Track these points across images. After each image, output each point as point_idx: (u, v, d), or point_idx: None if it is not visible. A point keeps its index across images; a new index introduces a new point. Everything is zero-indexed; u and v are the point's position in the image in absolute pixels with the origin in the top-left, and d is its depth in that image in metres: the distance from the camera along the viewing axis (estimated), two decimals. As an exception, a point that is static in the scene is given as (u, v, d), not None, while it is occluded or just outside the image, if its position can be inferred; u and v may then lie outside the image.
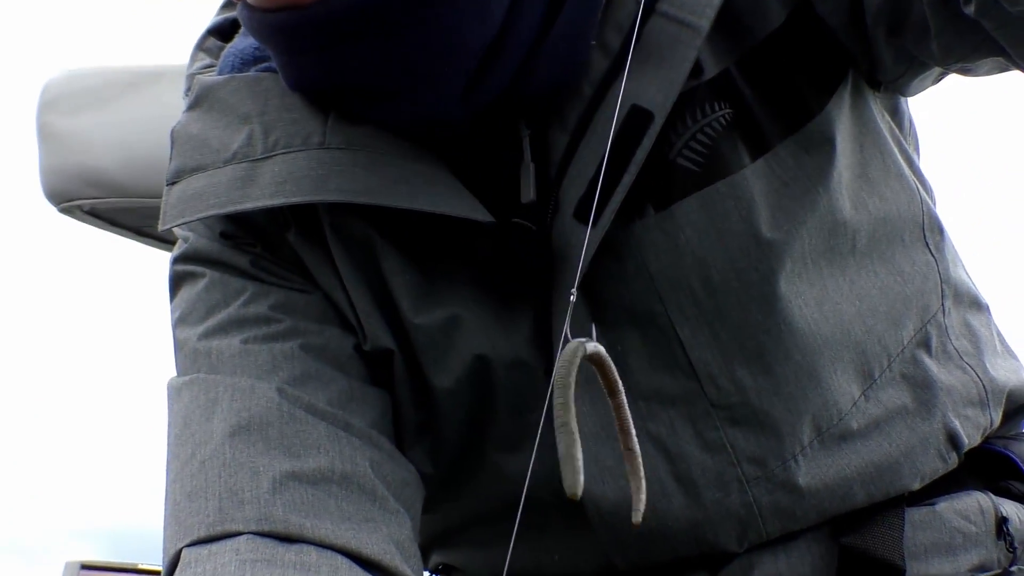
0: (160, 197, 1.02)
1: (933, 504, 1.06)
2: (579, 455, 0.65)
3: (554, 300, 0.96)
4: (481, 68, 0.91)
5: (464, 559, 1.16)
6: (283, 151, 0.96)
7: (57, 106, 1.99)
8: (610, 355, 0.95)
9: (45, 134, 2.00)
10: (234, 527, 0.89)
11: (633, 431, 0.71)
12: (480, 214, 0.93)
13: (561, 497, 0.98)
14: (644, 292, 0.97)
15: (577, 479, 0.66)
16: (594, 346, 0.66)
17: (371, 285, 1.01)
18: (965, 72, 0.99)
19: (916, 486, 1.05)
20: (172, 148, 1.02)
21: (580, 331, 0.94)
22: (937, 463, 1.06)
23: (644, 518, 0.99)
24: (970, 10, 0.84)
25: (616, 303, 0.98)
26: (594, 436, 0.99)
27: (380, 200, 0.94)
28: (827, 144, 0.98)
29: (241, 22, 0.98)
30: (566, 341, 0.83)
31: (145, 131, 1.94)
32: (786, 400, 1.00)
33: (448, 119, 0.94)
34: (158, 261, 2.26)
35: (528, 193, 0.95)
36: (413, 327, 1.00)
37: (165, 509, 0.95)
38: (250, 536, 0.89)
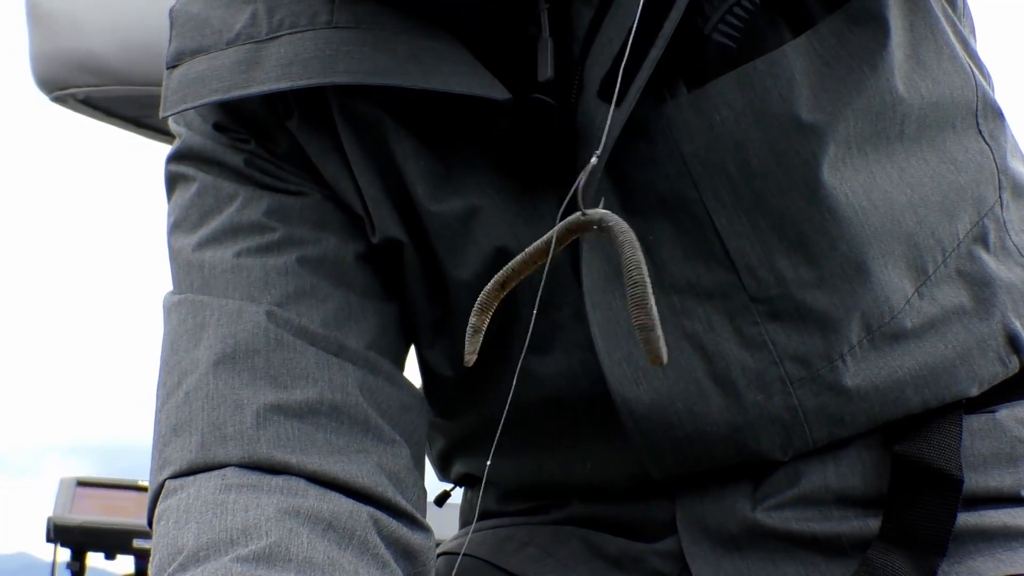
0: (160, 84, 1.00)
1: (993, 412, 1.03)
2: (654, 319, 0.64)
3: (581, 185, 0.92)
4: None
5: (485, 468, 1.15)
6: (289, 31, 0.95)
7: None
8: (642, 246, 0.95)
9: (36, 16, 1.99)
10: (217, 460, 0.91)
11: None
12: (497, 92, 0.91)
13: (592, 400, 0.99)
14: (677, 176, 0.95)
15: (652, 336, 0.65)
16: (599, 214, 0.65)
17: (382, 171, 1.00)
18: None
19: (974, 392, 1.02)
20: (171, 29, 1.01)
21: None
22: (997, 367, 1.03)
23: (681, 422, 0.98)
24: None
25: (646, 189, 0.96)
26: (627, 334, 0.97)
27: (391, 80, 0.93)
28: (874, 21, 0.95)
29: None
30: (570, 209, 0.80)
31: (143, 12, 1.94)
32: (831, 294, 0.98)
33: None
34: (158, 154, 2.26)
35: (546, 71, 0.93)
36: (429, 215, 0.99)
37: (152, 440, 0.96)
38: (235, 468, 0.90)
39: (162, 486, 0.93)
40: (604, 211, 0.64)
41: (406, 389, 1.00)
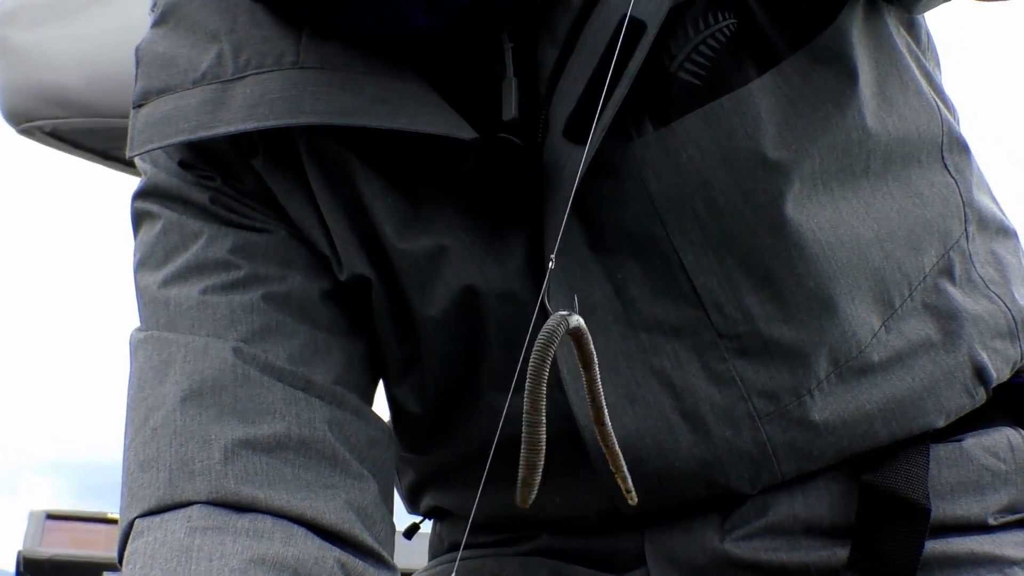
0: (127, 116, 1.00)
1: (960, 440, 1.04)
2: (540, 464, 0.63)
3: (546, 225, 0.94)
4: None
5: (458, 502, 1.15)
6: (255, 71, 0.96)
7: (16, 19, 1.99)
8: (610, 284, 0.97)
9: (3, 49, 1.99)
10: (185, 497, 0.90)
11: (605, 406, 0.70)
12: (464, 131, 0.92)
13: (561, 437, 0.95)
14: (644, 215, 0.95)
15: (530, 493, 0.64)
16: (577, 320, 0.64)
17: (349, 209, 0.99)
18: None
19: (941, 423, 1.03)
20: (137, 68, 1.00)
21: (575, 258, 0.94)
22: (963, 399, 1.04)
23: (650, 458, 0.99)
24: None
25: (614, 227, 0.96)
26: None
27: (357, 120, 0.93)
28: (838, 60, 0.96)
29: None
30: (550, 269, 0.80)
31: (110, 46, 1.94)
32: (799, 330, 0.98)
33: (415, 30, 0.92)
34: (126, 186, 2.23)
35: (510, 110, 0.94)
36: (397, 252, 0.99)
37: (122, 476, 0.95)
38: (201, 505, 0.90)
39: (131, 525, 0.92)
40: (579, 318, 0.65)
41: (374, 423, 1.00)
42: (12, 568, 2.86)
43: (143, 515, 0.91)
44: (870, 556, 1.01)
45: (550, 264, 0.75)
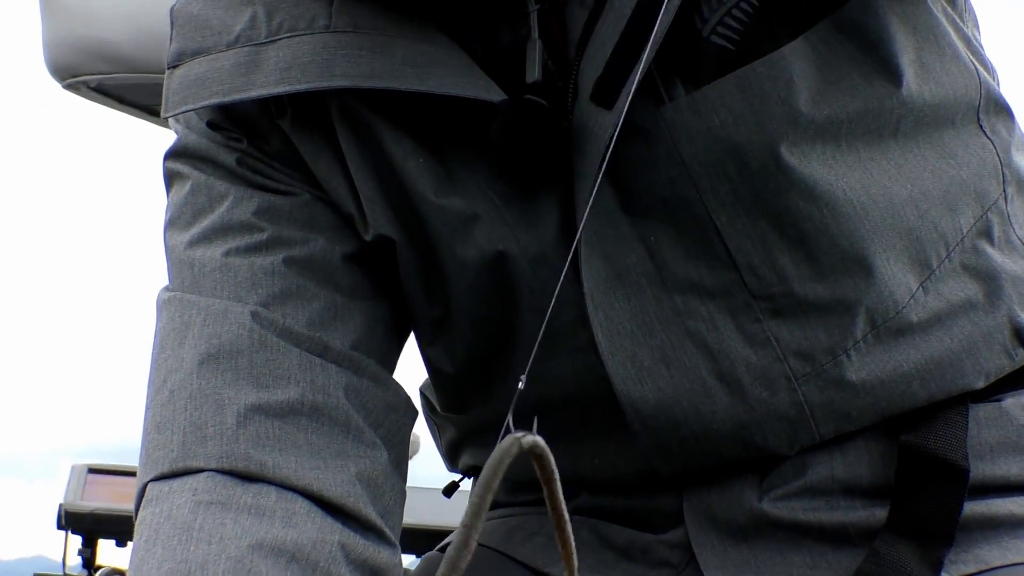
0: None
1: (999, 400, 1.04)
2: (464, 564, 0.62)
3: (577, 189, 0.96)
4: None
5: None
6: (287, 34, 0.97)
7: None
8: (643, 247, 0.97)
9: (49, 4, 1.98)
10: (196, 463, 0.92)
11: (567, 515, 0.68)
12: (493, 93, 0.93)
13: (598, 399, 1.00)
14: (677, 178, 0.95)
15: None
16: (531, 440, 0.63)
17: (379, 170, 1.00)
18: None
19: (980, 384, 1.03)
20: (172, 28, 1.02)
21: (608, 221, 0.95)
22: (1003, 360, 1.04)
23: (687, 421, 1.00)
24: None
25: (647, 191, 0.96)
26: (630, 334, 0.98)
27: (387, 83, 0.94)
28: (871, 23, 0.96)
29: None
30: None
31: (156, 1, 1.90)
32: (834, 290, 0.99)
33: None
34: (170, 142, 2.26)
35: (533, 72, 0.94)
36: (433, 209, 1.00)
37: (141, 439, 0.97)
38: (210, 474, 0.91)
39: (144, 488, 0.94)
40: (536, 437, 0.64)
41: (392, 390, 1.02)
42: (57, 557, 2.83)
43: (156, 479, 0.93)
44: (909, 517, 1.01)
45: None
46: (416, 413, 1.05)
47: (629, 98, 0.89)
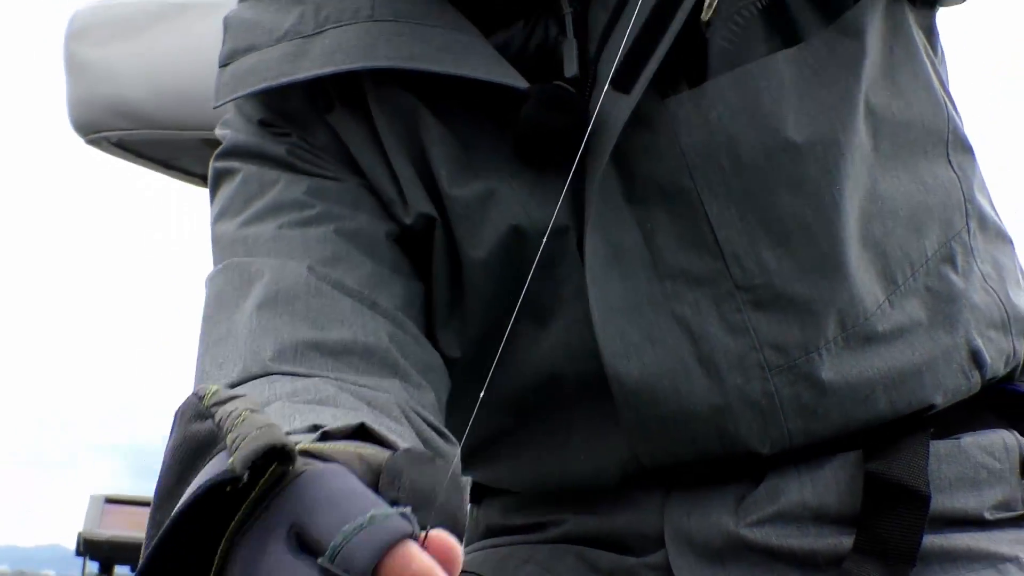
0: (190, 129, 1.10)
1: (958, 439, 1.07)
2: None
3: (588, 169, 1.00)
4: None
5: (496, 475, 1.18)
6: (334, 25, 1.02)
7: (85, 36, 2.04)
8: (640, 232, 1.02)
9: (73, 65, 2.05)
10: (253, 374, 0.92)
11: None
12: (519, 81, 0.98)
13: (586, 378, 1.04)
14: (675, 167, 1.00)
15: None
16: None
17: (412, 154, 1.05)
18: None
19: (938, 400, 1.06)
20: (225, 34, 1.07)
21: (611, 205, 1.01)
22: (960, 379, 1.07)
23: (666, 399, 1.03)
24: None
25: (647, 177, 1.01)
26: (620, 311, 1.02)
27: (425, 66, 0.99)
28: (857, 39, 1.01)
29: None
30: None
31: (174, 62, 1.99)
32: (811, 288, 1.02)
33: None
34: (185, 194, 2.34)
35: (572, 67, 0.99)
36: (450, 198, 1.04)
37: (195, 379, 0.98)
38: (272, 375, 0.91)
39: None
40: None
41: (430, 351, 1.04)
42: (72, 546, 2.92)
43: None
44: (874, 539, 1.04)
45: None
46: (449, 385, 1.07)
47: (647, 81, 0.95)
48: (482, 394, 0.69)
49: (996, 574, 1.03)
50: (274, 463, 0.67)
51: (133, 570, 2.89)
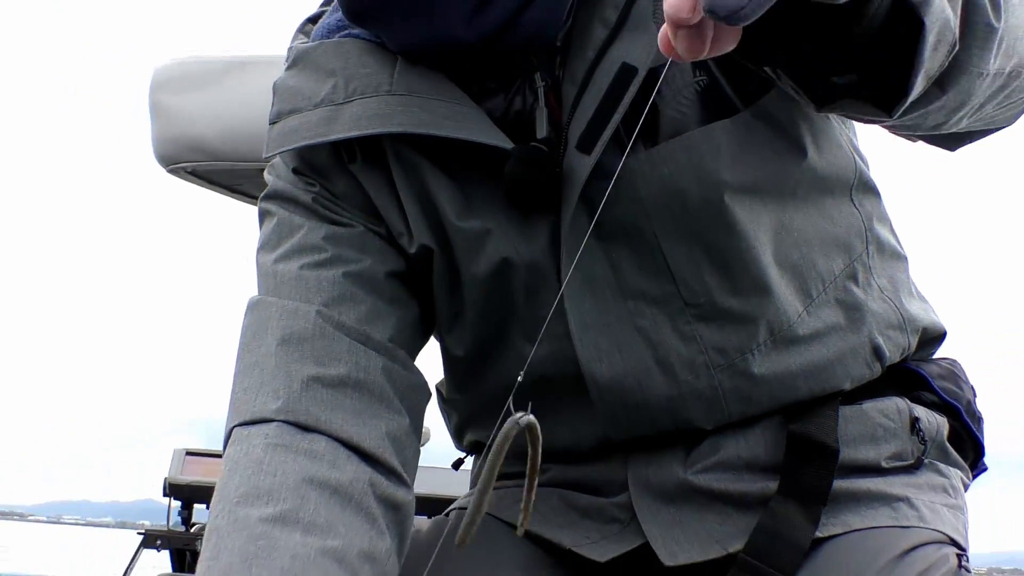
0: (249, 161, 1.21)
1: (860, 404, 1.18)
2: (480, 516, 0.74)
3: (563, 215, 1.09)
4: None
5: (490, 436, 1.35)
6: (359, 97, 1.11)
7: (166, 86, 2.21)
8: (607, 262, 1.10)
9: (156, 110, 2.21)
10: (269, 415, 1.06)
11: (538, 471, 0.78)
12: (505, 143, 1.08)
13: (569, 380, 1.14)
14: (635, 211, 1.08)
15: (469, 531, 0.75)
16: (527, 419, 0.71)
17: (420, 198, 1.13)
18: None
19: (847, 386, 1.16)
20: (274, 96, 1.17)
21: (582, 240, 1.09)
22: (864, 370, 1.17)
23: (632, 393, 1.12)
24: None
25: (613, 220, 1.09)
26: (593, 326, 1.12)
27: (431, 131, 1.08)
28: (779, 113, 1.11)
29: None
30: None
31: (237, 107, 2.16)
32: (744, 303, 1.11)
33: (457, 39, 1.07)
34: (246, 213, 2.49)
35: (542, 130, 1.08)
36: (455, 229, 1.12)
37: (230, 398, 1.11)
38: (279, 423, 1.05)
39: (231, 432, 1.08)
40: (530, 416, 0.73)
41: (415, 374, 1.15)
42: (159, 498, 3.23)
43: (239, 425, 1.07)
44: (793, 486, 1.12)
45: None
46: (430, 395, 1.17)
47: (602, 146, 1.04)
48: (510, 399, 0.78)
49: (891, 511, 1.14)
50: None
51: (207, 507, 3.16)
